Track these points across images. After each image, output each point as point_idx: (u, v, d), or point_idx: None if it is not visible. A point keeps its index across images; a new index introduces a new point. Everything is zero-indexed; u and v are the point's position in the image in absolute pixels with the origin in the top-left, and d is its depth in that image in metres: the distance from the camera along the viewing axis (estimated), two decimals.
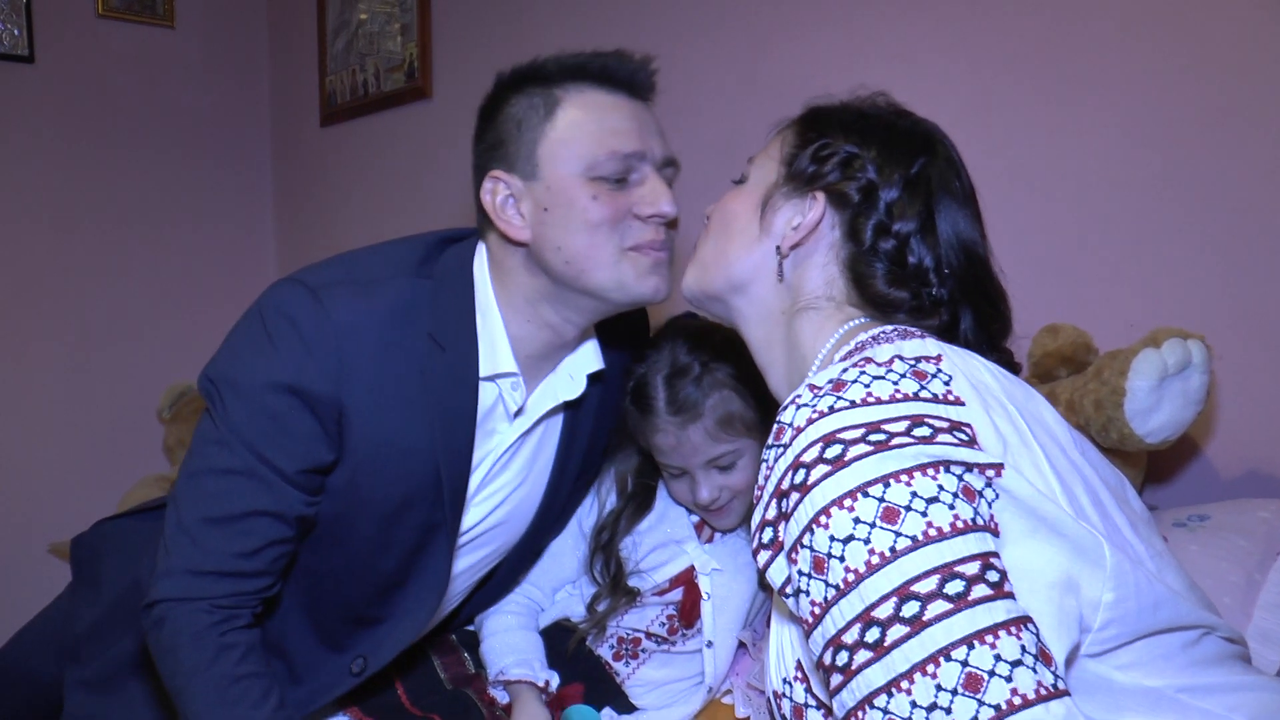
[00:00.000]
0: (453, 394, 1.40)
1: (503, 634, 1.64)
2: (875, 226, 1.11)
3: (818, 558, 0.86)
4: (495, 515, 1.55)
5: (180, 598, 1.32)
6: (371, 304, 1.36)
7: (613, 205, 1.35)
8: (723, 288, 1.20)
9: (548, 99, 1.38)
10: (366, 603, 1.50)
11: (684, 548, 1.66)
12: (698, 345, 1.58)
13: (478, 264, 1.46)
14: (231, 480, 1.33)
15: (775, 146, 1.21)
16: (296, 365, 1.32)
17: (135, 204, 3.48)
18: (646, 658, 1.67)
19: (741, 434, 1.57)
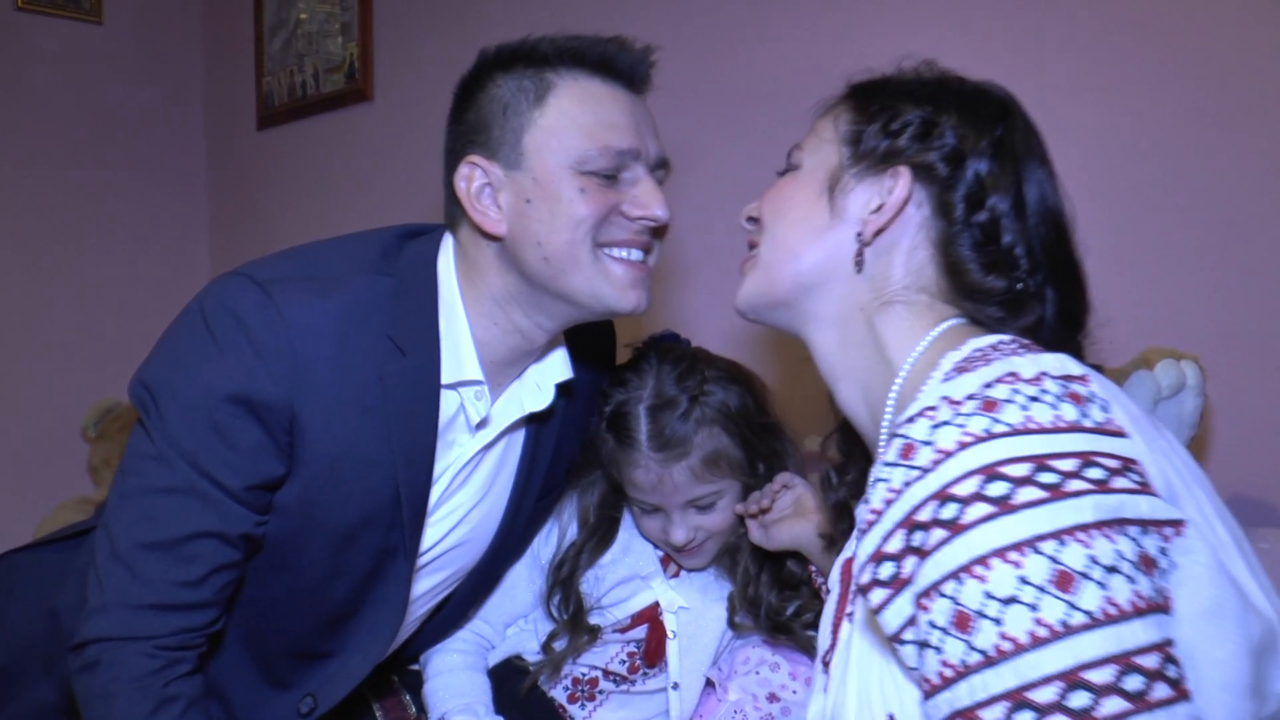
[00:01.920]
0: (413, 402, 1.27)
1: (447, 674, 1.52)
2: (967, 199, 1.00)
3: (963, 613, 0.75)
4: (453, 535, 1.42)
5: (118, 637, 1.19)
6: (327, 303, 1.23)
7: (601, 202, 1.25)
8: (791, 288, 1.07)
9: (539, 83, 1.28)
10: (315, 636, 1.37)
11: (649, 583, 1.56)
12: (686, 374, 1.47)
13: (443, 261, 1.34)
14: (171, 500, 1.20)
15: (826, 128, 1.10)
16: (245, 370, 1.19)
17: (58, 210, 3.32)
18: (604, 699, 1.57)
19: (726, 474, 1.48)
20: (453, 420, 1.34)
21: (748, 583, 1.53)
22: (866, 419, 1.04)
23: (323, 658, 1.39)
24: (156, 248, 3.50)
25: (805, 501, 1.46)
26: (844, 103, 1.11)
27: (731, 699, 1.51)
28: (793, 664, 1.54)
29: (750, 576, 1.53)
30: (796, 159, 1.12)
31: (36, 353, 3.23)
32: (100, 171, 3.41)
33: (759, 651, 1.55)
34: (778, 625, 1.52)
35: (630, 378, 1.51)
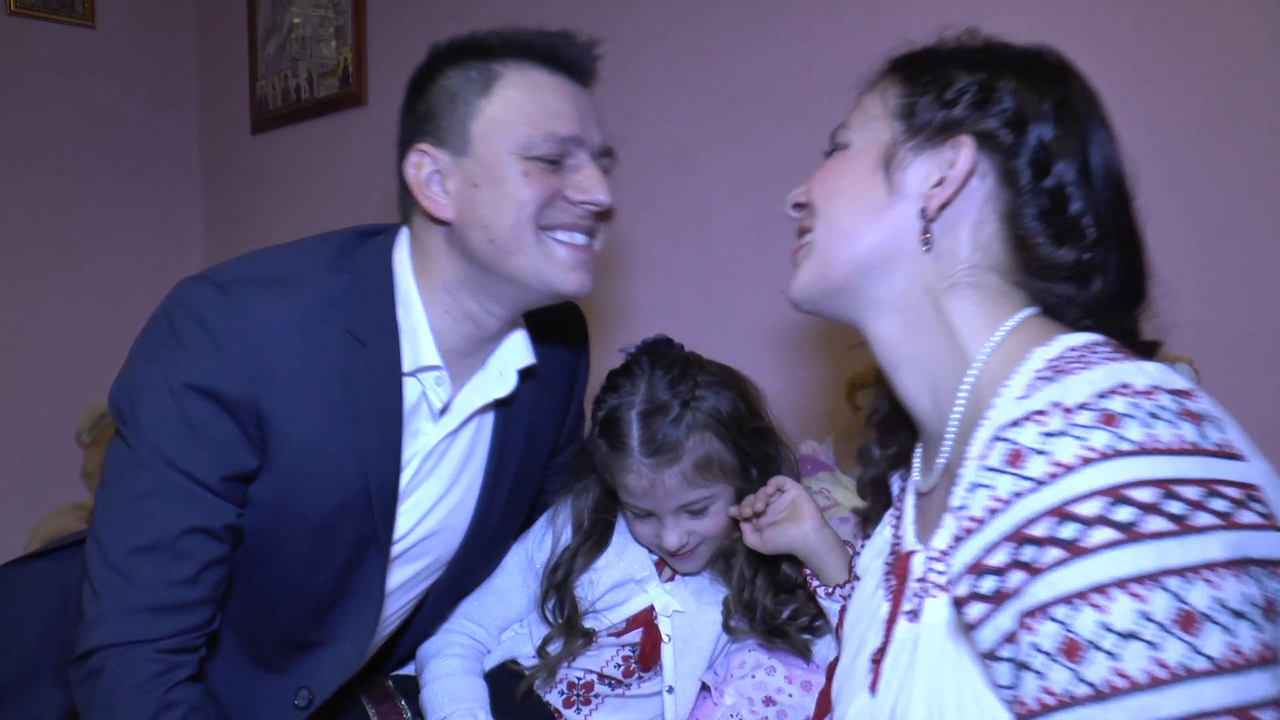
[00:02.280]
0: (375, 391, 1.33)
1: (446, 679, 1.51)
2: (1033, 165, 0.96)
3: (1073, 641, 0.72)
4: (426, 524, 1.45)
5: (119, 642, 1.22)
6: (285, 301, 1.29)
7: (544, 185, 1.30)
8: (850, 272, 1.01)
9: (486, 74, 1.33)
10: (303, 626, 1.41)
11: (644, 587, 1.55)
12: (678, 379, 1.47)
13: (399, 254, 1.39)
14: (154, 502, 1.24)
15: (873, 104, 1.05)
16: (208, 367, 1.24)
17: (52, 214, 3.32)
18: (599, 703, 1.56)
19: (719, 478, 1.47)
20: (416, 408, 1.38)
21: (743, 586, 1.53)
22: (929, 408, 1.01)
23: (312, 647, 1.42)
24: (151, 252, 3.49)
25: (800, 505, 1.45)
26: (890, 76, 1.06)
27: (727, 703, 1.50)
28: (788, 667, 1.53)
29: (745, 580, 1.53)
30: (844, 138, 1.07)
31: (30, 357, 3.22)
32: (94, 176, 3.41)
33: (755, 655, 1.55)
34: (773, 629, 1.51)
35: (623, 383, 1.50)
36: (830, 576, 1.44)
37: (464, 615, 1.60)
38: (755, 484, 1.50)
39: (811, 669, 1.52)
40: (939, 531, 0.95)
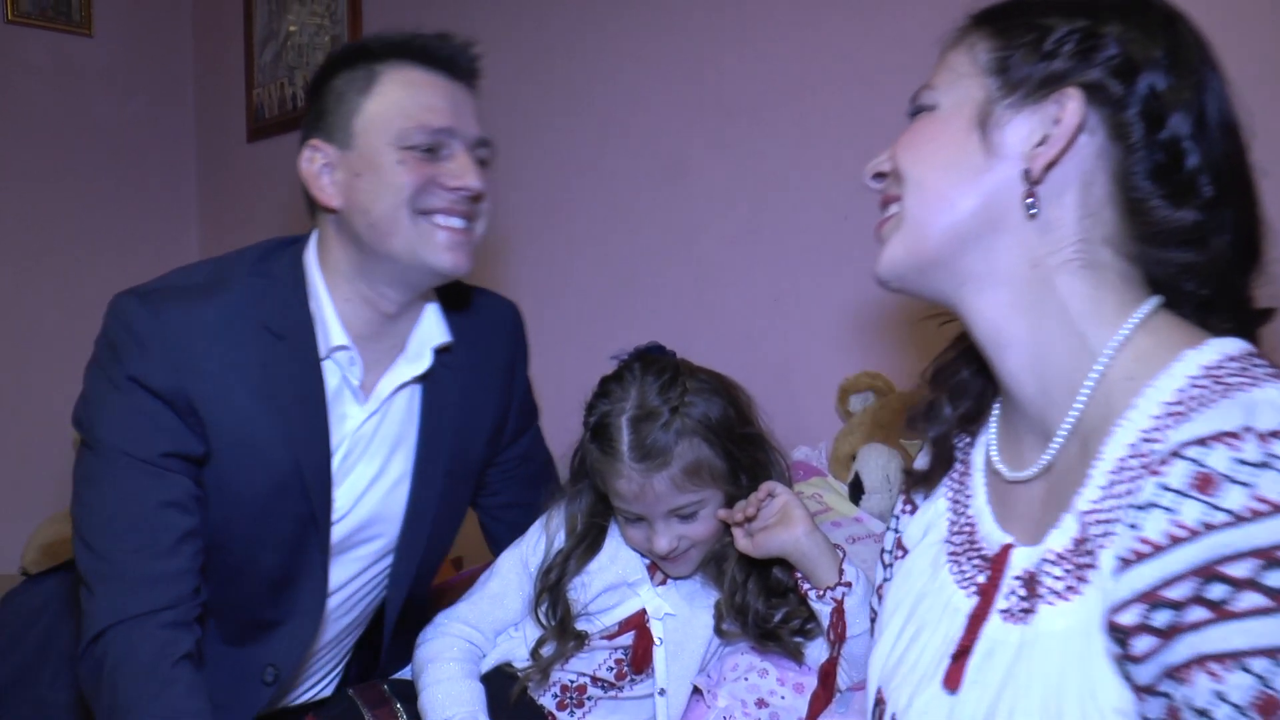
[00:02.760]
0: (296, 378, 1.47)
1: (445, 683, 1.53)
2: (1145, 116, 0.88)
3: (1271, 699, 0.68)
4: (365, 505, 1.58)
5: (117, 620, 1.34)
6: (204, 306, 1.44)
7: (419, 172, 1.44)
8: (947, 242, 0.94)
9: (368, 73, 1.47)
10: (260, 605, 1.54)
11: (636, 590, 1.56)
12: (668, 385, 1.49)
13: (308, 251, 1.54)
14: (121, 490, 1.38)
15: (961, 61, 0.97)
16: (139, 365, 1.40)
17: (49, 222, 3.34)
18: (593, 705, 1.57)
19: (708, 483, 1.49)
20: (339, 392, 1.53)
21: (735, 590, 1.54)
22: (1033, 393, 0.95)
23: (274, 626, 1.55)
24: (147, 259, 3.49)
25: (791, 510, 1.47)
26: (978, 30, 0.98)
27: (721, 705, 1.52)
28: (781, 670, 1.54)
29: (737, 584, 1.54)
30: (929, 99, 0.99)
31: (26, 364, 3.24)
32: (91, 183, 3.43)
33: (748, 658, 1.56)
34: (766, 632, 1.53)
35: (614, 388, 1.52)
36: (821, 579, 1.45)
37: (460, 619, 1.61)
38: (745, 489, 1.51)
39: (804, 671, 1.53)
40: (1054, 532, 0.89)
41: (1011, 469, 0.98)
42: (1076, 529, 0.86)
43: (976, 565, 0.98)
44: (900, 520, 1.15)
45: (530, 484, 1.81)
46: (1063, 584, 0.86)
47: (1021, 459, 0.98)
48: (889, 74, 2.00)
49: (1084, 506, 0.86)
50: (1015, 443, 0.99)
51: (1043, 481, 0.94)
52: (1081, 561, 0.85)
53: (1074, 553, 0.86)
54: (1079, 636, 0.83)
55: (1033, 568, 0.90)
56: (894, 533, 1.15)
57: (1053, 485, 0.93)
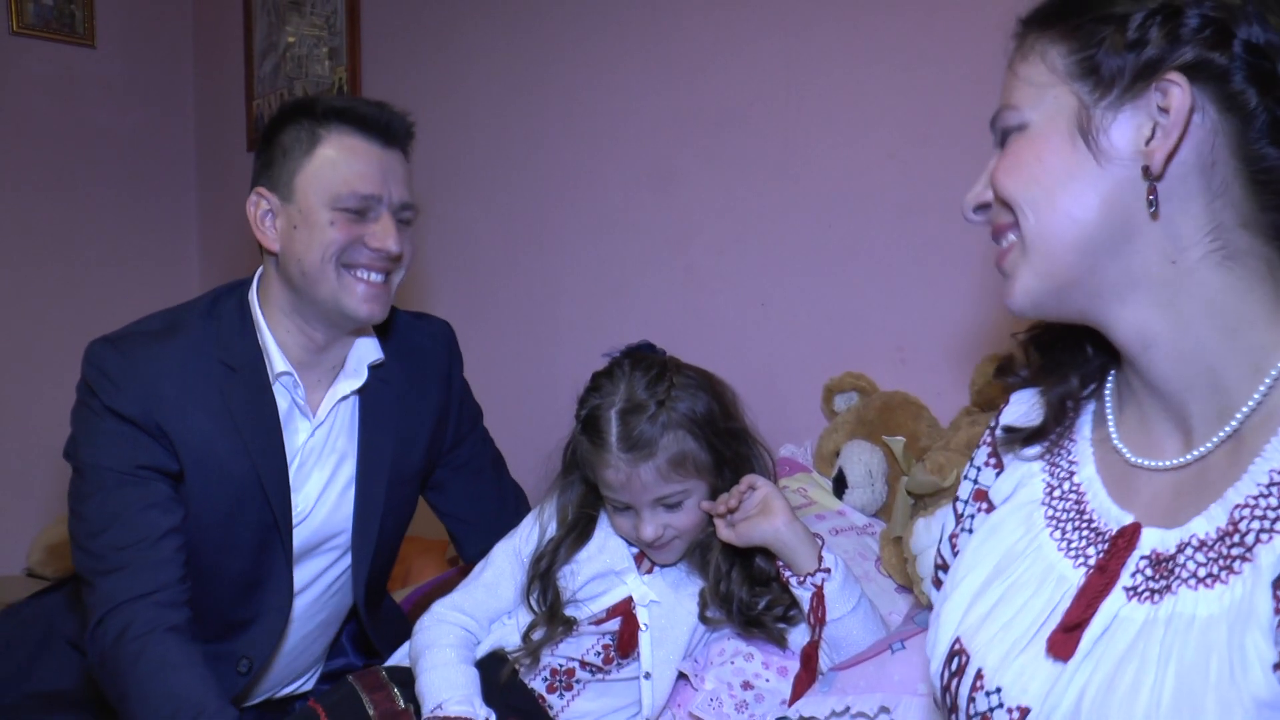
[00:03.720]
0: (251, 402, 1.66)
1: (442, 668, 1.58)
2: (1253, 78, 0.83)
3: None
4: (320, 510, 1.74)
5: (117, 603, 1.51)
6: (163, 345, 1.64)
7: (347, 232, 1.62)
8: (1080, 260, 0.89)
9: (311, 135, 1.63)
10: (231, 605, 1.70)
11: (623, 578, 1.62)
12: (655, 381, 1.56)
13: (252, 291, 1.72)
14: (106, 500, 1.57)
15: (1036, 72, 0.92)
16: (111, 397, 1.59)
17: (51, 231, 3.39)
18: (581, 689, 1.63)
19: (692, 475, 1.56)
20: (291, 411, 1.71)
21: (719, 579, 1.60)
22: (1180, 389, 0.91)
23: (246, 624, 1.72)
24: (148, 267, 3.56)
25: (771, 501, 1.53)
26: (1042, 35, 0.93)
27: (708, 688, 1.57)
28: (765, 654, 1.60)
29: (721, 573, 1.60)
30: (1015, 119, 0.94)
31: (28, 371, 3.28)
32: (92, 193, 3.47)
33: (733, 643, 1.62)
34: (750, 619, 1.59)
35: (604, 383, 1.60)
36: (801, 566, 1.51)
37: (456, 608, 1.67)
38: (729, 482, 1.58)
39: (787, 655, 1.59)
40: (1197, 519, 0.86)
41: (1136, 453, 0.95)
42: (1225, 520, 0.83)
43: (1087, 538, 0.95)
44: (982, 473, 1.11)
45: (478, 478, 1.99)
46: (1205, 570, 0.83)
47: (1152, 446, 0.94)
48: (875, 84, 2.06)
49: (1238, 499, 0.83)
50: (1142, 427, 0.96)
51: (1176, 474, 0.91)
52: (1231, 553, 0.82)
53: (1220, 543, 0.83)
54: (1223, 624, 0.80)
55: (1167, 551, 0.87)
56: (971, 483, 1.11)
57: (1189, 477, 0.90)
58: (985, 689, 0.93)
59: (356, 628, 1.98)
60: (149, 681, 1.45)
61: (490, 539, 1.75)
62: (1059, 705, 0.87)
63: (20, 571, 3.06)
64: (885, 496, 1.84)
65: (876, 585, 1.67)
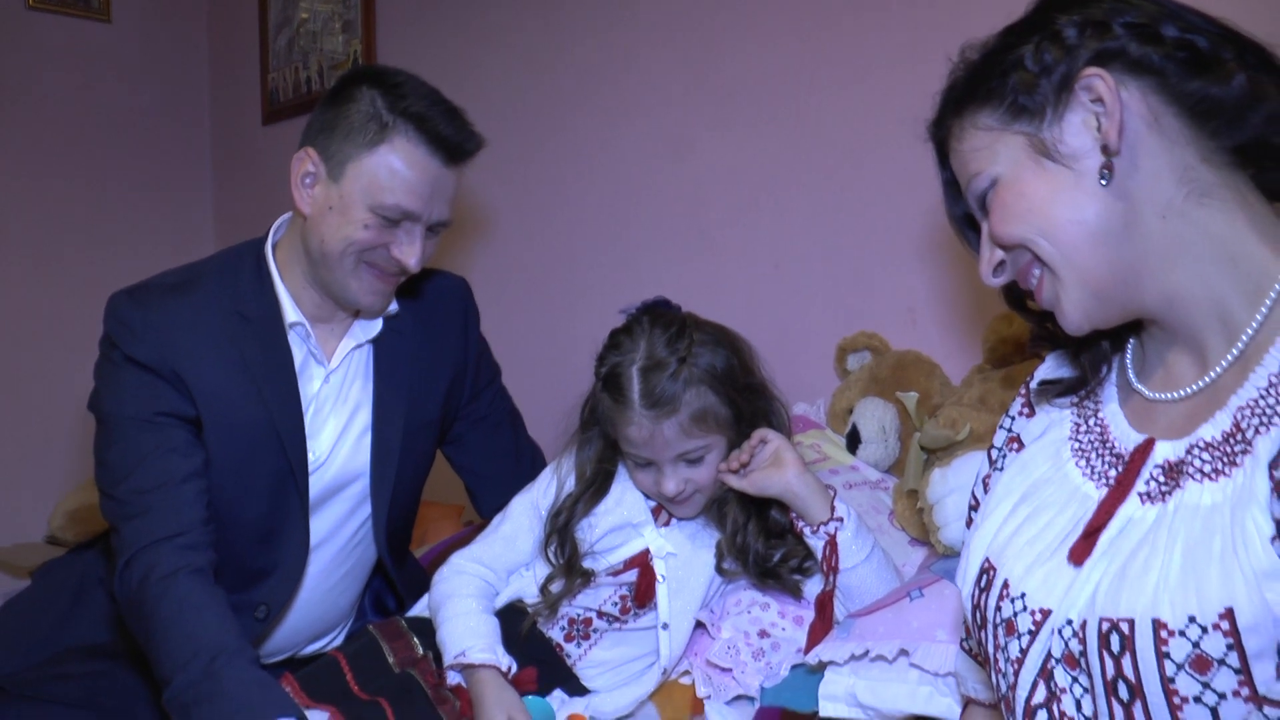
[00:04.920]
0: (266, 351, 1.69)
1: (463, 617, 1.61)
2: (1142, 40, 0.95)
3: None
4: (337, 458, 1.76)
5: (143, 545, 1.53)
6: (180, 297, 1.67)
7: (375, 236, 1.63)
8: (1106, 259, 0.97)
9: (380, 127, 1.61)
10: (249, 554, 1.71)
11: (640, 531, 1.65)
12: (676, 337, 1.58)
13: (268, 244, 1.74)
14: (128, 446, 1.60)
15: (975, 139, 1.03)
16: (130, 346, 1.62)
17: (66, 206, 3.40)
18: (598, 638, 1.66)
19: (713, 430, 1.57)
20: (306, 360, 1.73)
21: (735, 531, 1.62)
22: (1198, 328, 0.97)
23: (263, 575, 1.74)
24: (163, 243, 3.57)
25: (783, 454, 1.56)
26: (961, 117, 1.05)
27: (724, 636, 1.59)
28: (781, 604, 1.62)
29: (738, 525, 1.62)
30: (985, 181, 1.03)
31: (47, 345, 3.30)
32: (107, 168, 3.48)
33: (749, 594, 1.64)
34: (765, 571, 1.61)
35: (623, 340, 1.60)
36: (814, 517, 1.54)
37: (475, 559, 1.70)
38: (747, 437, 1.60)
39: (803, 605, 1.61)
40: (1205, 425, 0.93)
41: (1154, 390, 1.02)
42: (1229, 423, 0.90)
43: (1109, 462, 1.01)
44: (1015, 421, 1.18)
45: (495, 433, 2.01)
46: (1211, 467, 0.90)
47: (1170, 382, 1.01)
48: (888, 49, 2.07)
49: (1240, 403, 0.90)
50: (1163, 368, 1.03)
51: (1191, 400, 0.98)
52: (1235, 450, 0.89)
53: (1225, 443, 0.90)
54: (1226, 508, 0.87)
55: (1177, 457, 0.94)
56: (1005, 431, 1.18)
57: (1203, 400, 0.96)
58: (1010, 596, 0.99)
59: (380, 588, 2.01)
60: (171, 623, 1.47)
61: (506, 494, 1.78)
62: (1076, 602, 0.94)
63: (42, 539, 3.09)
64: (898, 452, 1.86)
65: (890, 538, 1.69)
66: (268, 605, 1.73)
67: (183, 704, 1.40)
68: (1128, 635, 0.88)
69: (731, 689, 1.58)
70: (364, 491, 1.81)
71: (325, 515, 1.78)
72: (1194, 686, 0.85)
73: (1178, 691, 0.85)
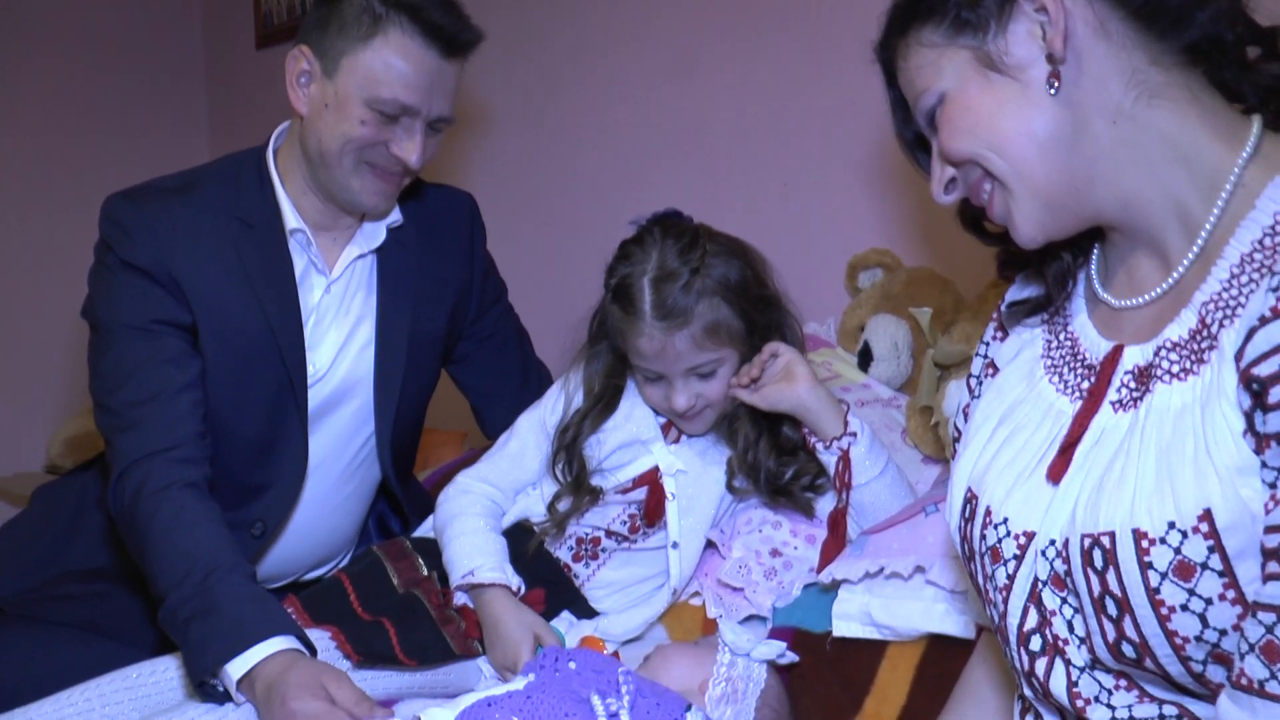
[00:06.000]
0: (266, 258, 1.65)
1: (471, 536, 1.58)
2: None
3: None
4: (339, 369, 1.73)
5: (137, 458, 1.50)
6: (179, 199, 1.64)
7: (373, 133, 1.58)
8: (1053, 165, 0.95)
9: (374, 19, 1.56)
10: (246, 468, 1.68)
11: (649, 448, 1.61)
12: (689, 248, 1.53)
13: (269, 150, 1.70)
14: (122, 355, 1.57)
15: (921, 56, 1.01)
16: (125, 249, 1.58)
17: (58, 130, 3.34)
18: (606, 558, 1.64)
19: (726, 343, 1.54)
20: (306, 270, 1.70)
21: (747, 448, 1.59)
22: (1158, 226, 0.96)
23: (261, 490, 1.70)
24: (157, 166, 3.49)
25: (794, 367, 1.52)
26: (905, 35, 1.03)
27: (735, 556, 1.57)
28: (793, 522, 1.60)
29: (750, 442, 1.59)
30: (933, 97, 1.01)
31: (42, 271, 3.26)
32: (100, 92, 3.42)
33: (760, 512, 1.61)
34: (777, 489, 1.58)
35: (634, 251, 1.56)
36: (826, 432, 1.51)
37: (481, 478, 1.66)
38: (759, 352, 1.56)
39: (815, 524, 1.58)
40: (1171, 325, 0.92)
41: (1120, 298, 1.01)
42: (1195, 321, 0.90)
43: (1081, 374, 1.01)
44: (990, 346, 1.17)
45: (502, 351, 1.97)
46: (1179, 367, 0.90)
47: (1135, 288, 1.00)
48: None
49: (1204, 299, 0.90)
50: (1127, 276, 1.02)
51: (1157, 303, 0.97)
52: (1201, 347, 0.89)
53: (1191, 341, 0.90)
54: (1195, 407, 0.87)
55: (1146, 361, 0.94)
56: (982, 358, 1.17)
57: (1168, 301, 0.96)
58: (993, 523, 1.00)
59: (384, 511, 1.98)
60: (164, 539, 1.44)
61: (513, 415, 1.74)
62: (1057, 521, 0.94)
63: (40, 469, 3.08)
64: (910, 370, 1.82)
65: (903, 456, 1.65)
66: (264, 522, 1.70)
67: (177, 621, 1.38)
68: (1109, 549, 0.87)
69: (743, 609, 1.56)
70: (366, 407, 1.78)
71: (326, 432, 1.75)
72: (1179, 594, 0.84)
73: (1164, 601, 0.85)
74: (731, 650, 1.36)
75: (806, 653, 1.44)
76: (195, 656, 1.35)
